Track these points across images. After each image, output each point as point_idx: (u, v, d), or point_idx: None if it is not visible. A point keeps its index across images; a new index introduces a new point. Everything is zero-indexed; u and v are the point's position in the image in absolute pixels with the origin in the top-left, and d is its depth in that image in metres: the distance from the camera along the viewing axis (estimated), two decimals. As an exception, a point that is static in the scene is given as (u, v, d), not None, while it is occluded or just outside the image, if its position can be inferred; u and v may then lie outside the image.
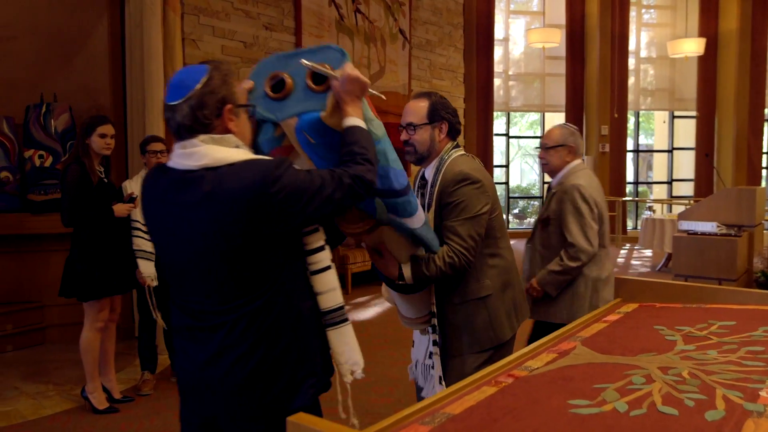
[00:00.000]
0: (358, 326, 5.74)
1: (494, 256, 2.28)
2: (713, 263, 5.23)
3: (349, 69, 1.66)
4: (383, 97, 1.88)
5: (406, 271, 2.08)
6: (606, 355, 1.59)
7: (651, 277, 7.96)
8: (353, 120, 1.65)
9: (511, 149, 16.96)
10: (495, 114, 11.88)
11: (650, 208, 9.02)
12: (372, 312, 6.49)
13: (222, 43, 6.63)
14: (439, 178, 2.22)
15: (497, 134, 12.32)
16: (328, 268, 1.64)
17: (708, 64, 12.13)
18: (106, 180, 3.68)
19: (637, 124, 13.42)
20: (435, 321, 2.25)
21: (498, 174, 12.87)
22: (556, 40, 11.48)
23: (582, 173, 2.96)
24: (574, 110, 12.12)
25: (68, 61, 5.40)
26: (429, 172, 2.30)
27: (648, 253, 10.13)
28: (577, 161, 3.01)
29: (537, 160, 13.59)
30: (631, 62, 12.45)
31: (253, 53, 7.00)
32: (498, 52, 12.14)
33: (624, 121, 12.11)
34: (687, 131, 12.95)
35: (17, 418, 3.71)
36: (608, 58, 11.86)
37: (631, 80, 12.42)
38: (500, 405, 1.28)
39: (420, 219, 1.98)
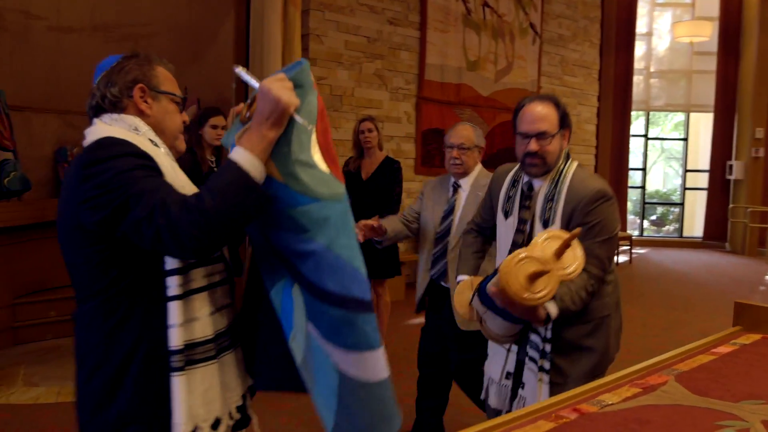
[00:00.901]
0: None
1: (610, 272, 2.10)
2: None
3: (269, 81, 1.27)
4: (307, 126, 1.29)
5: (553, 310, 1.88)
6: (701, 397, 1.34)
7: (805, 299, 7.05)
8: (235, 152, 1.24)
9: (653, 152, 15.88)
10: (634, 114, 11.12)
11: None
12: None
13: (345, 39, 6.69)
14: (563, 193, 2.04)
15: (634, 135, 11.53)
16: (174, 297, 1.28)
17: None
18: (216, 169, 3.81)
19: (800, 127, 11.98)
20: (546, 346, 2.05)
21: (635, 178, 12.06)
22: (706, 33, 10.56)
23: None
24: (725, 110, 11.06)
25: (199, 56, 5.69)
26: (541, 184, 2.10)
27: (805, 272, 9.02)
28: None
29: (682, 164, 12.63)
30: (796, 58, 11.13)
31: (377, 48, 7.01)
32: (639, 48, 11.34)
33: (784, 123, 10.87)
34: None
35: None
36: (768, 54, 10.69)
37: (794, 78, 11.11)
38: (550, 447, 1.10)
39: (369, 370, 1.26)
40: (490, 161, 8.32)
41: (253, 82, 1.33)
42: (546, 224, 2.04)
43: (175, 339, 1.28)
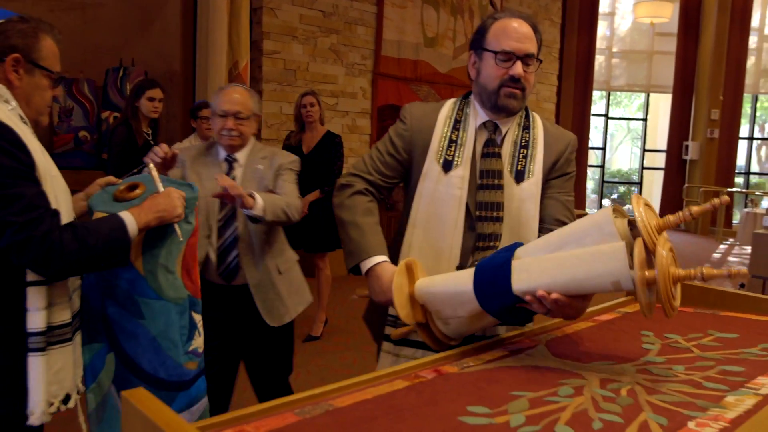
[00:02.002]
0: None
1: None
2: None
3: (175, 190, 1.61)
4: (179, 239, 1.63)
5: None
6: (558, 359, 1.42)
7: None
8: (125, 215, 1.46)
9: (619, 132, 16.06)
10: (601, 94, 11.23)
11: (752, 202, 8.23)
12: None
13: (300, 12, 6.64)
14: (540, 139, 1.70)
15: (595, 114, 11.68)
16: (35, 283, 1.36)
17: None
18: (152, 142, 3.79)
19: (754, 109, 12.26)
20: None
21: (594, 157, 12.23)
22: (666, 14, 10.69)
23: (272, 147, 2.63)
24: (683, 91, 11.26)
25: (147, 28, 5.62)
26: (508, 127, 1.70)
27: (748, 249, 9.29)
28: None
29: (641, 144, 12.81)
30: (753, 40, 11.36)
31: (332, 23, 6.96)
32: (601, 27, 11.44)
33: (738, 105, 11.12)
34: (814, 119, 11.70)
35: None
36: (725, 36, 10.86)
37: (750, 60, 11.34)
38: (393, 403, 1.16)
39: None
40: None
41: (159, 186, 1.63)
42: (520, 177, 1.66)
43: (38, 322, 1.36)
